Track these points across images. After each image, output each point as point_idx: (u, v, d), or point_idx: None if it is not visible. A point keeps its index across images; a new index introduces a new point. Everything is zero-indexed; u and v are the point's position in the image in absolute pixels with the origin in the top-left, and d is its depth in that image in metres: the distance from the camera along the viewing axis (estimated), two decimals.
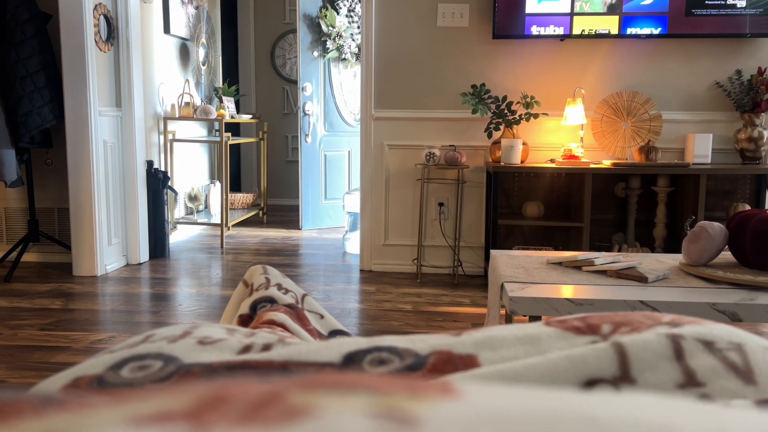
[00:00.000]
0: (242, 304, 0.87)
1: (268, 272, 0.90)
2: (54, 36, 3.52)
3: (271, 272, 0.90)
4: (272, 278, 0.87)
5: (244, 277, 0.92)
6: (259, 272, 0.90)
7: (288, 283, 0.90)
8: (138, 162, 3.83)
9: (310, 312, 0.86)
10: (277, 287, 0.87)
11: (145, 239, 3.92)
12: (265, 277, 0.90)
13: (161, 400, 0.22)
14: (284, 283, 0.89)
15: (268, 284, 0.87)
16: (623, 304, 1.52)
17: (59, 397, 0.24)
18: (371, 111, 3.66)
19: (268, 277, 0.88)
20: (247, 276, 0.91)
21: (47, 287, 3.31)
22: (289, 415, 0.21)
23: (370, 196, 3.73)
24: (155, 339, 0.49)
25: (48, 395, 0.24)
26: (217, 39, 5.34)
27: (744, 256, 1.71)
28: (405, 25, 3.59)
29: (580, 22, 3.36)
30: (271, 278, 0.87)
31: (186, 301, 3.09)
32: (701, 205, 3.18)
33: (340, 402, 0.22)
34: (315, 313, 0.87)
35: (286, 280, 0.91)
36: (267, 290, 0.85)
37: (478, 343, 0.45)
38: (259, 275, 0.90)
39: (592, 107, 3.49)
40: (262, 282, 0.87)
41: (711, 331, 0.45)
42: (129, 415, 0.20)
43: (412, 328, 2.73)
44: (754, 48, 3.44)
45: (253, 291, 0.86)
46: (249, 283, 0.89)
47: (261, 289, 0.85)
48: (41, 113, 3.41)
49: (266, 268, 0.91)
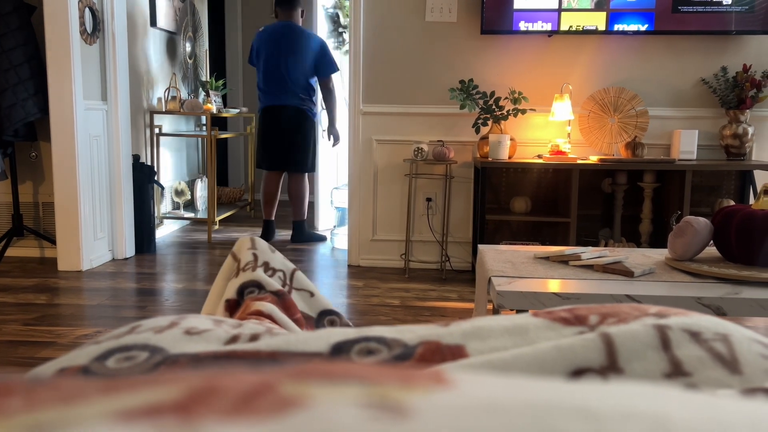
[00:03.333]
0: (229, 285, 0.86)
1: (256, 246, 0.88)
2: (38, 28, 3.48)
3: (259, 246, 0.88)
4: (260, 255, 0.86)
5: (233, 249, 0.91)
6: (247, 246, 0.89)
7: (276, 259, 0.89)
8: (124, 156, 3.80)
9: (299, 290, 0.85)
10: (265, 267, 0.86)
11: (131, 234, 3.89)
12: (252, 253, 0.88)
13: (151, 391, 0.22)
14: (272, 260, 0.88)
15: (255, 263, 0.86)
16: (609, 298, 1.53)
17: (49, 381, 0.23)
18: (359, 106, 3.65)
19: (256, 254, 0.87)
20: (236, 249, 0.90)
21: (32, 282, 3.27)
22: (281, 406, 0.20)
23: (358, 192, 3.73)
24: (141, 330, 0.48)
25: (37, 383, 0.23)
26: (204, 33, 5.30)
27: (729, 251, 1.72)
28: (393, 20, 3.58)
29: (567, 18, 3.37)
30: (259, 255, 0.86)
31: (172, 296, 3.07)
32: (687, 200, 3.21)
33: (333, 392, 0.22)
34: (304, 291, 0.87)
35: (275, 256, 0.89)
36: (254, 272, 0.84)
37: (467, 333, 0.45)
38: (246, 250, 0.89)
39: (580, 103, 3.51)
40: (249, 260, 0.86)
41: (697, 322, 0.46)
42: (118, 408, 0.20)
43: (399, 323, 2.74)
44: (740, 45, 3.47)
45: (240, 270, 0.85)
46: (237, 257, 0.88)
47: (248, 269, 0.84)
48: (25, 106, 3.37)
49: (254, 242, 0.90)
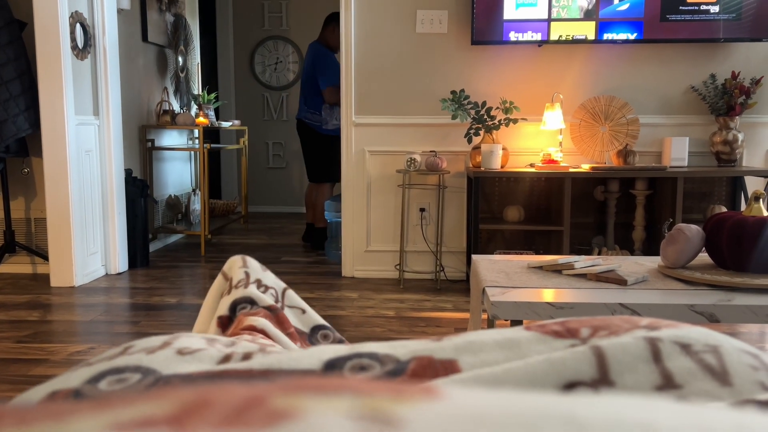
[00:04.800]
0: (221, 302, 0.85)
1: (247, 265, 0.88)
2: (29, 44, 3.47)
3: (250, 265, 0.88)
4: (252, 273, 0.86)
5: (224, 268, 0.91)
6: (239, 265, 0.89)
7: (268, 277, 0.89)
8: (116, 171, 3.79)
9: (291, 308, 0.85)
10: (257, 284, 0.86)
11: (124, 248, 3.88)
12: (244, 271, 0.88)
13: (143, 406, 0.22)
14: (264, 278, 0.88)
15: (247, 280, 0.86)
16: (603, 307, 1.53)
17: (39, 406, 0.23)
18: (352, 117, 3.66)
19: (248, 272, 0.87)
20: (227, 268, 0.90)
21: (24, 299, 3.25)
22: (271, 419, 0.20)
23: (351, 203, 3.73)
24: (134, 351, 0.48)
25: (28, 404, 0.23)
26: (196, 46, 5.31)
27: (721, 258, 1.73)
28: (384, 32, 3.60)
29: (557, 28, 3.40)
30: (250, 273, 0.86)
31: (166, 311, 3.06)
32: (679, 207, 3.23)
33: (323, 404, 0.22)
34: (297, 308, 0.87)
35: (267, 274, 0.90)
36: (247, 288, 0.84)
37: (459, 347, 0.45)
38: (238, 269, 0.88)
39: (571, 112, 3.53)
40: (241, 277, 0.86)
41: (688, 334, 0.46)
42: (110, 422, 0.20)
43: (395, 334, 2.73)
44: (728, 52, 3.50)
45: (232, 288, 0.85)
46: (228, 276, 0.88)
47: (240, 286, 0.84)
48: (17, 122, 3.36)
49: (246, 260, 0.90)
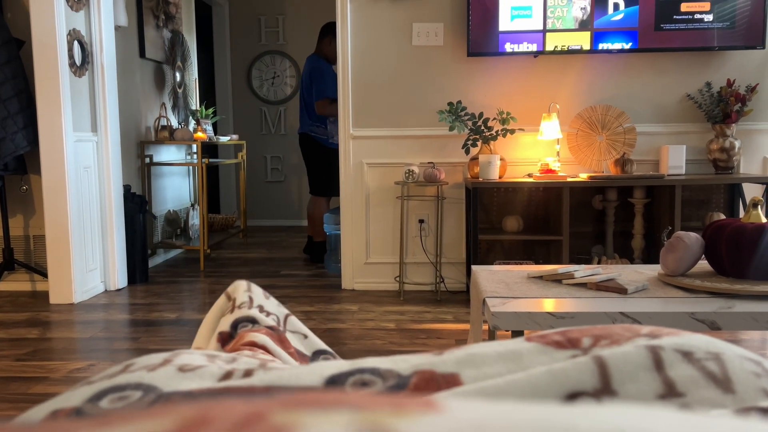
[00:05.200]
0: (223, 320, 0.85)
1: (252, 290, 0.89)
2: (27, 62, 3.49)
3: (254, 291, 0.89)
4: (255, 298, 0.86)
5: (228, 290, 0.91)
6: (244, 288, 0.89)
7: (271, 304, 0.89)
8: (114, 187, 3.79)
9: (293, 333, 0.85)
10: (259, 309, 0.86)
11: (123, 264, 3.87)
12: (248, 295, 0.88)
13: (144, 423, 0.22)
14: (266, 305, 0.88)
15: (251, 304, 0.86)
16: (604, 316, 1.53)
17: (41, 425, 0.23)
18: (349, 130, 3.67)
19: (252, 296, 0.87)
20: (231, 289, 0.90)
21: (23, 316, 3.24)
22: None
23: (350, 215, 3.73)
24: (134, 368, 0.48)
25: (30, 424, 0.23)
26: (193, 62, 5.33)
27: (720, 265, 1.73)
28: (380, 45, 3.62)
29: (552, 39, 3.42)
30: (254, 298, 0.86)
31: (166, 327, 3.05)
32: (677, 215, 3.23)
33: (323, 419, 0.22)
34: (298, 334, 0.87)
35: (269, 301, 0.90)
36: (250, 310, 0.84)
37: (460, 361, 0.45)
38: (243, 292, 0.89)
39: (567, 122, 3.54)
40: (245, 300, 0.86)
41: (689, 342, 0.46)
42: None
43: (395, 346, 2.72)
44: (722, 60, 3.52)
45: (235, 308, 0.85)
46: (232, 297, 0.88)
47: (243, 307, 0.84)
48: (15, 140, 3.37)
49: (251, 286, 0.90)
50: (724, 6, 3.36)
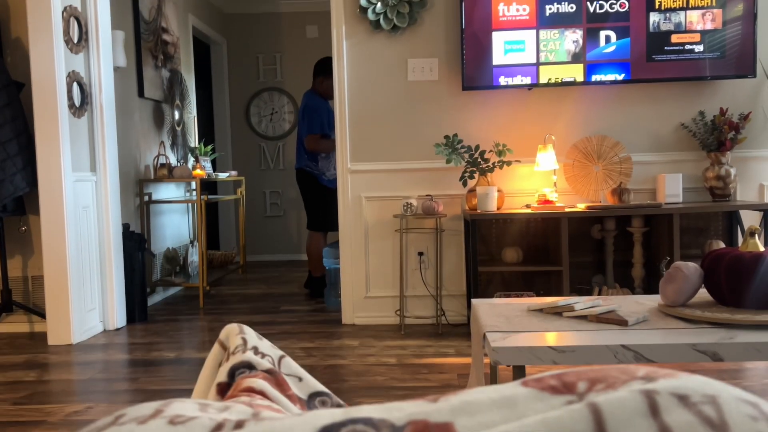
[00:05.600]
0: (220, 369, 0.85)
1: (244, 332, 0.88)
2: (26, 103, 3.52)
3: (247, 332, 0.88)
4: (249, 340, 0.86)
5: (220, 337, 0.90)
6: (236, 332, 0.89)
7: (264, 345, 0.88)
8: (113, 226, 3.80)
9: (288, 375, 0.85)
10: (254, 351, 0.86)
11: (121, 304, 3.85)
12: (241, 337, 0.88)
13: None
14: (260, 346, 0.87)
15: (245, 346, 0.85)
16: (605, 349, 1.52)
17: None
18: (347, 164, 3.69)
19: (245, 338, 0.87)
20: (223, 336, 0.89)
21: (21, 358, 3.22)
22: None
23: (349, 249, 3.73)
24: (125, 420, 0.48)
25: None
26: (192, 100, 5.39)
27: (720, 295, 1.73)
28: (376, 81, 3.66)
29: (546, 71, 3.46)
30: (248, 339, 0.86)
31: (165, 366, 3.02)
32: (676, 243, 3.23)
33: None
34: (293, 376, 0.86)
35: (263, 342, 0.90)
36: (244, 354, 0.84)
37: (455, 409, 0.45)
38: (235, 336, 0.88)
39: (563, 152, 3.56)
40: (238, 344, 0.85)
41: (685, 384, 0.46)
42: None
43: (397, 382, 2.70)
44: (715, 89, 3.56)
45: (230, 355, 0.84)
46: (226, 345, 0.88)
47: (238, 352, 0.84)
48: (14, 181, 3.38)
49: (242, 328, 0.89)
50: (713, 37, 3.41)
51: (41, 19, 3.37)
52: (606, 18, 3.43)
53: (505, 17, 3.46)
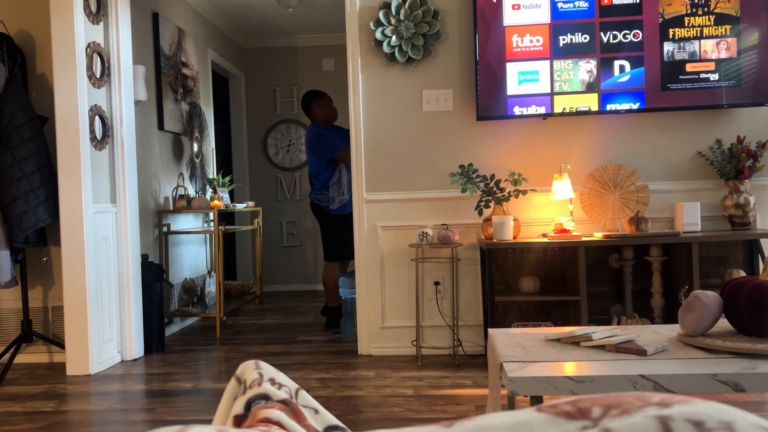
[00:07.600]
0: (236, 402, 0.85)
1: (260, 367, 0.89)
2: (50, 137, 3.60)
3: (263, 367, 0.89)
4: (265, 373, 0.86)
5: (236, 373, 0.91)
6: (252, 368, 0.89)
7: (281, 377, 0.89)
8: (132, 256, 3.84)
9: (304, 407, 0.85)
10: (271, 382, 0.86)
11: (139, 334, 3.87)
12: (258, 372, 0.89)
13: None
14: (277, 377, 0.88)
15: (261, 379, 0.86)
16: (624, 379, 1.50)
17: None
18: (363, 194, 3.71)
19: (261, 372, 0.87)
20: (239, 372, 0.90)
21: (40, 389, 3.23)
22: None
23: (365, 279, 3.73)
24: None
25: None
26: (211, 132, 5.47)
27: (741, 324, 1.70)
28: (392, 112, 3.70)
29: (560, 101, 3.48)
30: (264, 373, 0.87)
31: (182, 396, 3.02)
32: (695, 272, 3.19)
33: None
34: (310, 408, 0.86)
35: (279, 375, 0.90)
36: (260, 386, 0.84)
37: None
38: (251, 371, 0.89)
39: (579, 181, 3.56)
40: (255, 377, 0.86)
41: (700, 411, 0.45)
42: None
43: (414, 413, 2.67)
44: (731, 117, 3.55)
45: (247, 388, 0.85)
46: (242, 379, 0.88)
47: (254, 385, 0.84)
48: (36, 213, 3.44)
49: (259, 364, 0.90)
50: (729, 65, 3.42)
51: (66, 56, 3.46)
52: (620, 48, 3.45)
53: (519, 48, 3.49)
